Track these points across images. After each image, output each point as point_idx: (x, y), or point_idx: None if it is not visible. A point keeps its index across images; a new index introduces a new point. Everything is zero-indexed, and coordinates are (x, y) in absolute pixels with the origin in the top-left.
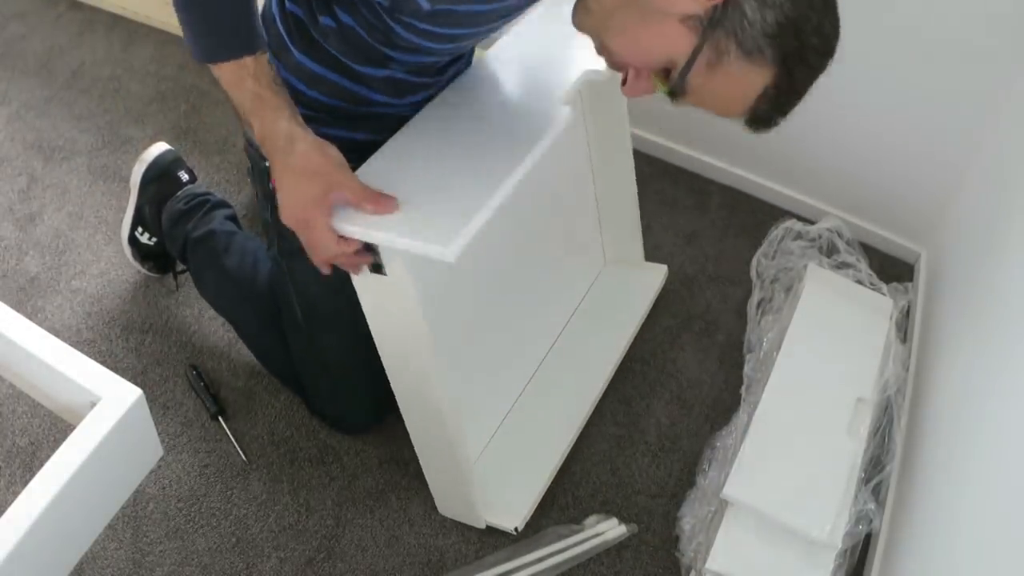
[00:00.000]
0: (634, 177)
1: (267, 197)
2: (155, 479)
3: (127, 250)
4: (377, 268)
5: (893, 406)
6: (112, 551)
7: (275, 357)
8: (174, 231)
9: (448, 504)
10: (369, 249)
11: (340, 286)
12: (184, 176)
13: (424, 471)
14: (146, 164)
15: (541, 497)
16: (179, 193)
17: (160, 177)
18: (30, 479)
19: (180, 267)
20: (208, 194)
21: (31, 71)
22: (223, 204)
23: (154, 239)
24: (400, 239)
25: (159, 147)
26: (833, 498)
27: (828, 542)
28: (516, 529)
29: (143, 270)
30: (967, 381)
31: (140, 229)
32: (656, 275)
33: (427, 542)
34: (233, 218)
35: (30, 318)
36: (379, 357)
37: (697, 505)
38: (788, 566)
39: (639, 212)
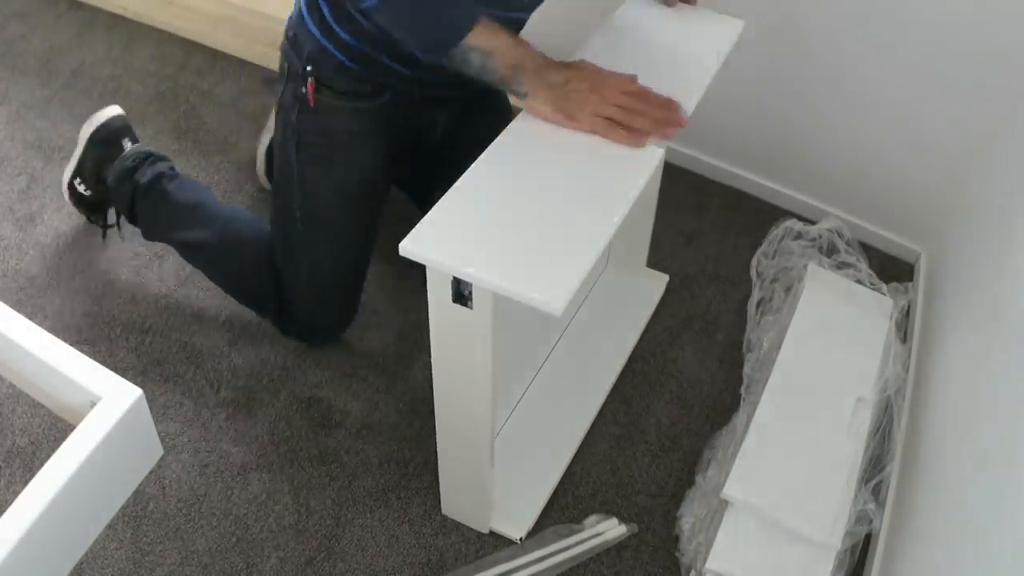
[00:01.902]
0: (656, 188)
1: (297, 98)
2: (155, 479)
3: (64, 193)
4: (460, 298)
5: (893, 406)
6: (112, 551)
7: (236, 274)
8: (122, 187)
9: (456, 507)
10: (457, 284)
11: (345, 200)
12: (128, 144)
13: (440, 471)
14: (95, 125)
15: (545, 504)
16: (126, 152)
17: (106, 142)
18: (30, 479)
19: (111, 222)
20: (153, 151)
21: (31, 71)
22: (166, 159)
23: (89, 191)
24: (508, 285)
25: (111, 110)
26: (833, 498)
27: (828, 542)
28: (520, 539)
29: (78, 212)
30: (967, 381)
31: (79, 179)
32: (657, 284)
33: (427, 542)
34: (173, 170)
35: (30, 318)
36: (360, 269)
37: (697, 505)
38: (788, 566)
39: (652, 220)
